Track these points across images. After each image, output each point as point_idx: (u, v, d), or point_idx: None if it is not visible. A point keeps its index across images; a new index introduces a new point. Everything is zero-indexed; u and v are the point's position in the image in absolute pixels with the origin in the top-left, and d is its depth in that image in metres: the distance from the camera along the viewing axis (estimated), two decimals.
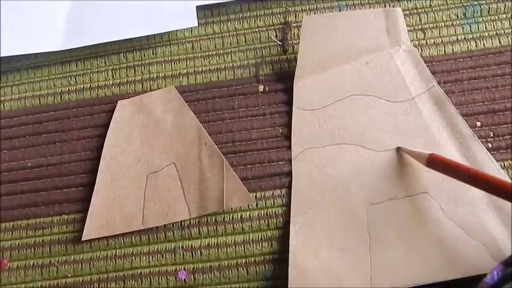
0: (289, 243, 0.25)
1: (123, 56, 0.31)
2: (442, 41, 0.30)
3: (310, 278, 0.24)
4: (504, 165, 0.26)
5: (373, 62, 0.28)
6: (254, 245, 0.26)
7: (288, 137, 0.28)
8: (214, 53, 0.31)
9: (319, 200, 0.26)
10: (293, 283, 0.24)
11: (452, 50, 0.29)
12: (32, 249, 0.28)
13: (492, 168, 0.25)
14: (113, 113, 0.29)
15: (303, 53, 0.28)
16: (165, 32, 0.31)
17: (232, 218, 0.27)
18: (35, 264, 0.27)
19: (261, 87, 0.30)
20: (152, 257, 0.27)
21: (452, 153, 0.26)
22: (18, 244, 0.28)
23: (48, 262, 0.27)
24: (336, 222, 0.25)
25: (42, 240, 0.28)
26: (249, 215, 0.27)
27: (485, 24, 0.30)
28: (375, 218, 0.25)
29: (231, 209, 0.27)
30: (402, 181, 0.26)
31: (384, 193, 0.26)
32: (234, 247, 0.27)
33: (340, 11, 0.31)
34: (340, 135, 0.27)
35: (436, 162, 0.24)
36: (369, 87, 0.28)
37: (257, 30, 0.31)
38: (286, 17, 0.31)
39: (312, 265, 0.24)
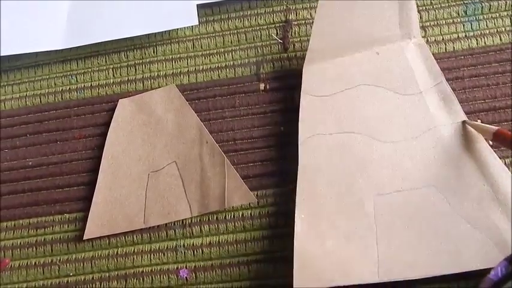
0: (290, 242, 0.25)
1: (124, 55, 0.31)
2: (443, 38, 0.30)
3: (315, 267, 0.24)
4: (505, 162, 0.26)
5: (384, 53, 0.28)
6: (255, 243, 0.26)
7: (288, 135, 0.28)
8: (215, 51, 0.31)
9: (325, 189, 0.25)
10: (298, 271, 0.23)
11: (453, 47, 0.29)
12: (34, 248, 0.28)
13: (496, 165, 0.25)
14: (114, 111, 0.29)
15: (316, 36, 0.27)
16: (165, 31, 0.31)
17: (234, 216, 0.27)
18: (37, 263, 0.27)
19: (261, 86, 0.30)
20: (154, 255, 0.27)
21: (455, 150, 0.26)
22: (20, 243, 0.28)
23: (49, 261, 0.27)
24: (342, 212, 0.25)
25: (44, 239, 0.28)
26: (250, 213, 0.27)
27: (486, 21, 0.30)
28: (381, 209, 0.25)
29: (232, 207, 0.27)
30: (409, 173, 0.25)
31: (391, 185, 0.25)
32: (235, 245, 0.27)
33: None
34: (348, 124, 0.27)
35: (502, 137, 0.24)
36: (379, 78, 0.28)
37: (258, 28, 0.31)
38: (287, 15, 0.31)
39: (317, 254, 0.24)
